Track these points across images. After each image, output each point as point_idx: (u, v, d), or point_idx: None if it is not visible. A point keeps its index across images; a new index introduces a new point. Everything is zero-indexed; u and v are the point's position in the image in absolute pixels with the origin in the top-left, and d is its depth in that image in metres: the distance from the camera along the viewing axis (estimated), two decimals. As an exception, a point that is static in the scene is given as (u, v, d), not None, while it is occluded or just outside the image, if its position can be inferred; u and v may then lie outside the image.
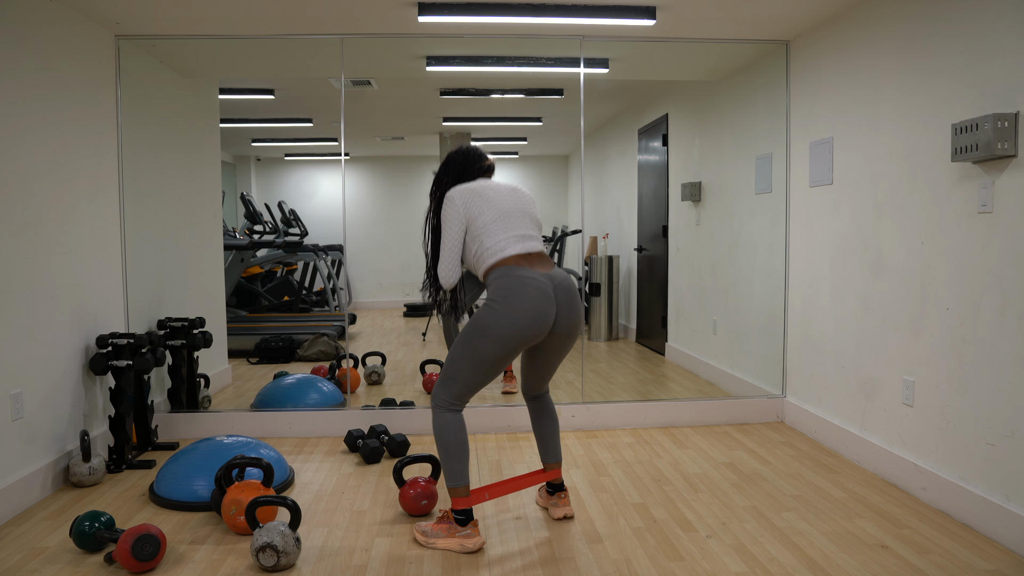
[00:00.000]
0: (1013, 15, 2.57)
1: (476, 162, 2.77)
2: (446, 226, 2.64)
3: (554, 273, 2.62)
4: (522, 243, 2.63)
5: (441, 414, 2.62)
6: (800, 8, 3.60)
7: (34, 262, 3.15)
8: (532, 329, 2.53)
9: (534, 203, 2.76)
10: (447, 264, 2.64)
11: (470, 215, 2.62)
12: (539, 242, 2.69)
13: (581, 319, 2.66)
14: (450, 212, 2.64)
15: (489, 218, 2.61)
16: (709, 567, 2.46)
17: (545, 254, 2.68)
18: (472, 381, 2.59)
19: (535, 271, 2.57)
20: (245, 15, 3.64)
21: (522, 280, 2.53)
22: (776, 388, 4.32)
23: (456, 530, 2.61)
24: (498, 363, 2.57)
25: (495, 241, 2.60)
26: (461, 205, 2.63)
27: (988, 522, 2.67)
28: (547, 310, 2.54)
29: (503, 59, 4.67)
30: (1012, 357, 2.57)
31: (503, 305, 2.50)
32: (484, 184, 2.70)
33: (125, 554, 2.39)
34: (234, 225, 6.38)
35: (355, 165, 7.03)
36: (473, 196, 2.64)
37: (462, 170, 2.76)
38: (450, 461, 2.60)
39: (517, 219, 2.66)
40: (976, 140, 2.62)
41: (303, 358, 5.60)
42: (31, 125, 3.14)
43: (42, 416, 3.19)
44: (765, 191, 4.39)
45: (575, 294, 2.63)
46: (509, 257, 2.59)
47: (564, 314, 2.60)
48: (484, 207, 2.62)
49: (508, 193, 2.70)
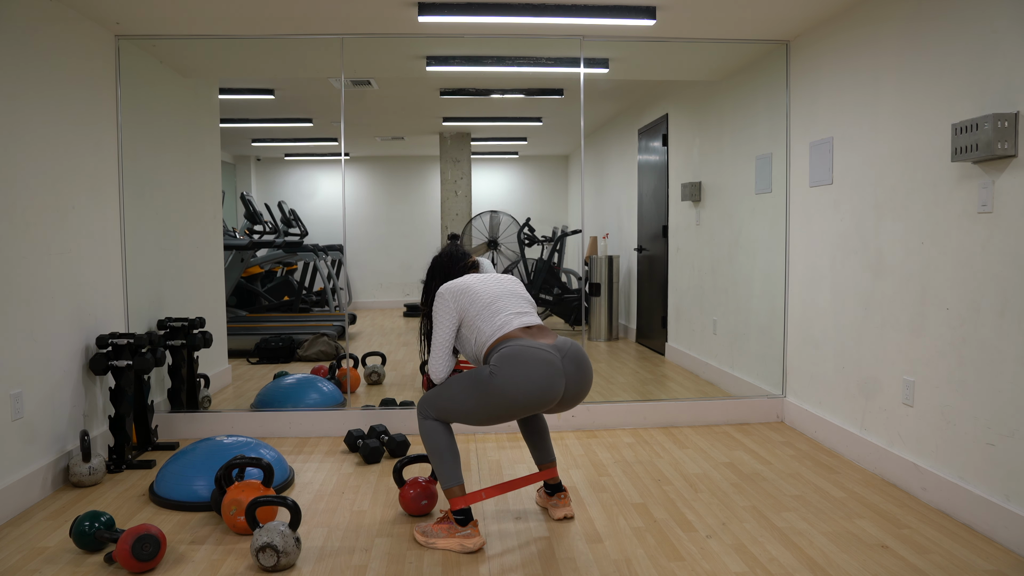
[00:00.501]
0: (1013, 15, 2.57)
1: (459, 261, 2.87)
2: (437, 321, 2.68)
3: (560, 343, 2.60)
4: (520, 318, 2.65)
5: (424, 421, 2.67)
6: (800, 8, 3.60)
7: (34, 262, 3.15)
8: (537, 402, 2.51)
9: (521, 285, 2.82)
10: (437, 358, 2.67)
11: (461, 307, 2.65)
12: (537, 317, 2.71)
13: (589, 386, 2.64)
14: (440, 307, 2.67)
15: (480, 307, 2.64)
16: (709, 567, 2.46)
17: (546, 327, 2.69)
18: (460, 418, 2.63)
19: (540, 342, 2.57)
20: (245, 15, 3.64)
21: (530, 349, 2.51)
22: (776, 388, 4.32)
23: (456, 530, 2.61)
24: (491, 420, 2.59)
25: (492, 323, 2.62)
26: (451, 300, 2.66)
27: (988, 522, 2.67)
28: (555, 383, 2.52)
29: (503, 59, 4.67)
30: (1012, 357, 2.57)
31: (508, 373, 2.47)
32: (470, 278, 2.75)
33: (125, 554, 2.39)
34: (234, 225, 6.38)
35: (355, 165, 7.03)
36: (461, 292, 2.68)
37: (448, 270, 2.84)
38: (441, 463, 2.63)
39: (508, 300, 2.69)
40: (976, 140, 2.62)
41: (303, 358, 5.60)
42: (31, 125, 3.14)
43: (42, 416, 3.19)
44: (765, 191, 4.39)
45: (584, 362, 2.61)
46: (512, 331, 2.59)
47: (574, 385, 2.58)
48: (473, 299, 2.66)
49: (494, 281, 2.75)
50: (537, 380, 2.48)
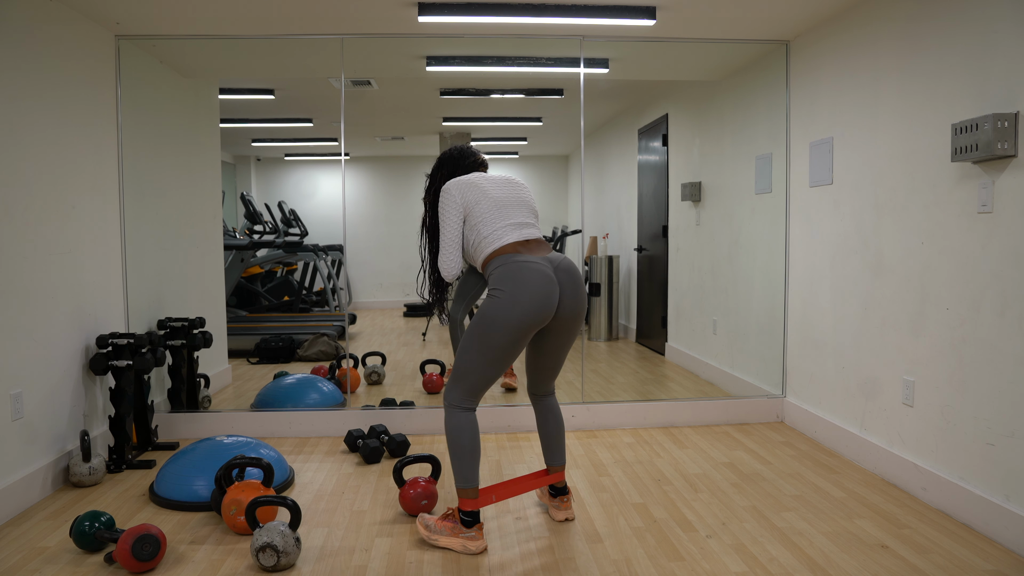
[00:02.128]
0: (1013, 15, 2.57)
1: (469, 157, 2.83)
2: (444, 216, 2.66)
3: (553, 256, 2.62)
4: (519, 230, 2.64)
5: (455, 414, 2.60)
6: (800, 8, 3.60)
7: (34, 262, 3.15)
8: (538, 313, 2.51)
9: (530, 192, 2.79)
10: (448, 254, 2.66)
11: (467, 204, 2.64)
12: (537, 229, 2.70)
13: (585, 300, 2.65)
14: (447, 202, 2.66)
15: (486, 207, 2.63)
16: (709, 567, 2.46)
17: (543, 240, 2.69)
18: (483, 374, 2.58)
19: (535, 256, 2.58)
20: (245, 15, 3.64)
21: (523, 265, 2.53)
22: (776, 388, 4.32)
23: (461, 531, 2.60)
24: (507, 352, 2.55)
25: (492, 230, 2.61)
26: (458, 195, 2.65)
27: (988, 522, 2.67)
28: (551, 293, 2.53)
29: (503, 59, 4.67)
30: (1012, 357, 2.57)
31: (506, 292, 2.50)
32: (479, 175, 2.73)
33: (125, 554, 2.39)
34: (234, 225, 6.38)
35: (355, 165, 7.03)
36: (469, 186, 2.66)
37: (456, 165, 2.81)
38: (462, 463, 2.59)
39: (513, 208, 2.67)
40: (976, 140, 2.62)
41: (303, 358, 5.60)
42: (31, 125, 3.14)
43: (42, 416, 3.19)
44: (765, 191, 4.39)
45: (577, 274, 2.63)
46: (507, 245, 2.59)
47: (568, 296, 2.59)
48: (480, 196, 2.64)
49: (503, 183, 2.73)
50: (534, 291, 2.49)
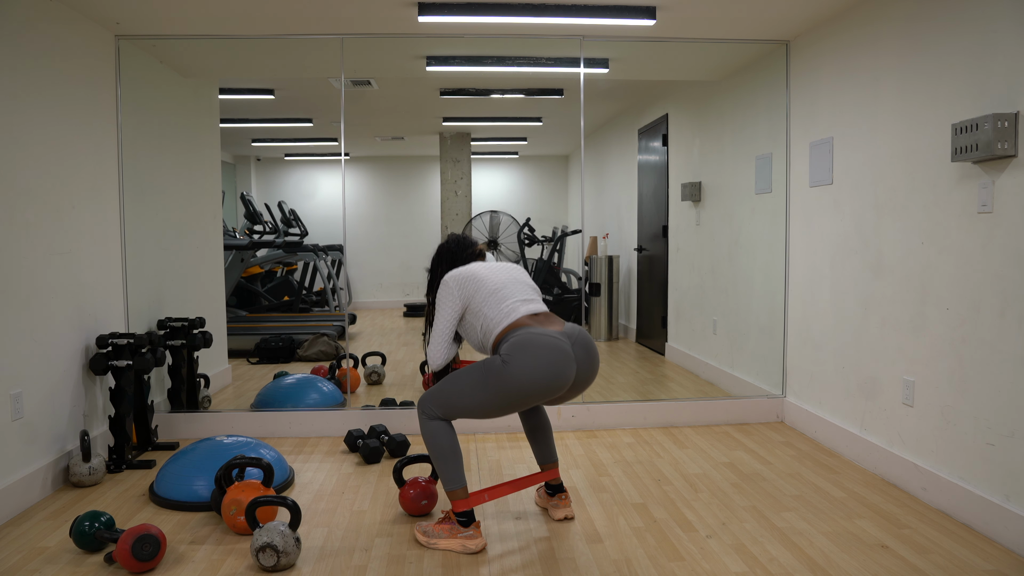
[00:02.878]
0: (1013, 15, 2.57)
1: (466, 248, 2.84)
2: (440, 308, 2.66)
3: (569, 330, 2.60)
4: (526, 305, 2.64)
5: (427, 421, 2.63)
6: (800, 8, 3.60)
7: (34, 262, 3.15)
8: (548, 388, 2.50)
9: (526, 274, 2.81)
10: (437, 346, 2.66)
11: (466, 296, 2.64)
12: (543, 304, 2.70)
13: (598, 368, 2.65)
14: (444, 295, 2.66)
15: (485, 294, 2.63)
16: (709, 567, 2.46)
17: (552, 314, 2.69)
18: (470, 415, 2.61)
19: (549, 329, 2.56)
20: (245, 15, 3.64)
21: (540, 336, 2.50)
22: (776, 388, 4.32)
23: (459, 531, 2.61)
24: (500, 412, 2.57)
25: (499, 311, 2.60)
26: (456, 287, 2.65)
27: (988, 522, 2.67)
28: (567, 369, 2.51)
29: (503, 59, 4.67)
30: (1012, 357, 2.57)
31: (519, 361, 2.46)
32: (477, 265, 2.74)
33: (125, 554, 2.39)
34: (234, 225, 6.38)
35: (355, 165, 7.03)
36: (466, 278, 2.66)
37: (454, 257, 2.82)
38: (444, 465, 2.60)
39: (513, 288, 2.68)
40: (976, 140, 2.62)
41: (303, 358, 5.60)
42: (31, 125, 3.14)
43: (42, 416, 3.19)
44: (765, 191, 4.39)
45: (592, 348, 2.61)
46: (520, 319, 2.58)
47: (584, 371, 2.58)
48: (479, 285, 2.65)
49: (499, 268, 2.74)
50: (550, 367, 2.47)
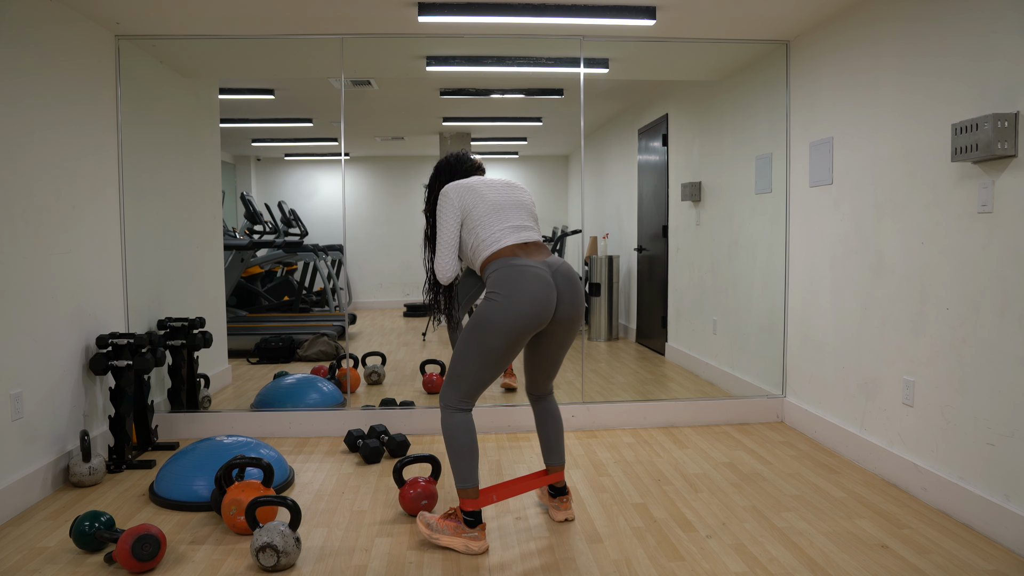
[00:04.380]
0: (1013, 15, 2.57)
1: (465, 163, 2.84)
2: (441, 220, 2.66)
3: (551, 260, 2.63)
4: (517, 233, 2.64)
5: (451, 415, 2.61)
6: (800, 8, 3.60)
7: (34, 262, 3.15)
8: (535, 317, 2.52)
9: (528, 194, 2.80)
10: (444, 257, 2.66)
11: (465, 207, 2.65)
12: (535, 232, 2.70)
13: (583, 305, 2.66)
14: (445, 206, 2.66)
15: (484, 210, 2.63)
16: (709, 567, 2.46)
17: (542, 243, 2.70)
18: (479, 377, 2.58)
19: (533, 260, 2.58)
20: (245, 15, 3.64)
21: (520, 269, 2.53)
22: (776, 388, 4.32)
23: (463, 531, 2.60)
24: (504, 355, 2.56)
25: (490, 233, 2.62)
26: (456, 198, 2.65)
27: (988, 522, 2.67)
28: (548, 297, 2.53)
29: (503, 59, 4.66)
30: (1012, 357, 2.57)
31: (503, 295, 2.50)
32: (477, 179, 2.74)
33: (125, 554, 2.39)
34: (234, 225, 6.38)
35: (355, 165, 7.03)
36: (467, 190, 2.67)
37: (453, 171, 2.82)
38: (460, 463, 2.59)
39: (511, 210, 2.68)
40: (976, 140, 2.62)
41: (303, 358, 5.60)
42: (31, 125, 3.14)
43: (42, 416, 3.19)
44: (765, 191, 4.39)
45: (575, 279, 2.63)
46: (505, 248, 2.60)
47: (566, 300, 2.60)
48: (478, 200, 2.65)
49: (501, 186, 2.73)
50: (531, 295, 2.50)
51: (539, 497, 3.04)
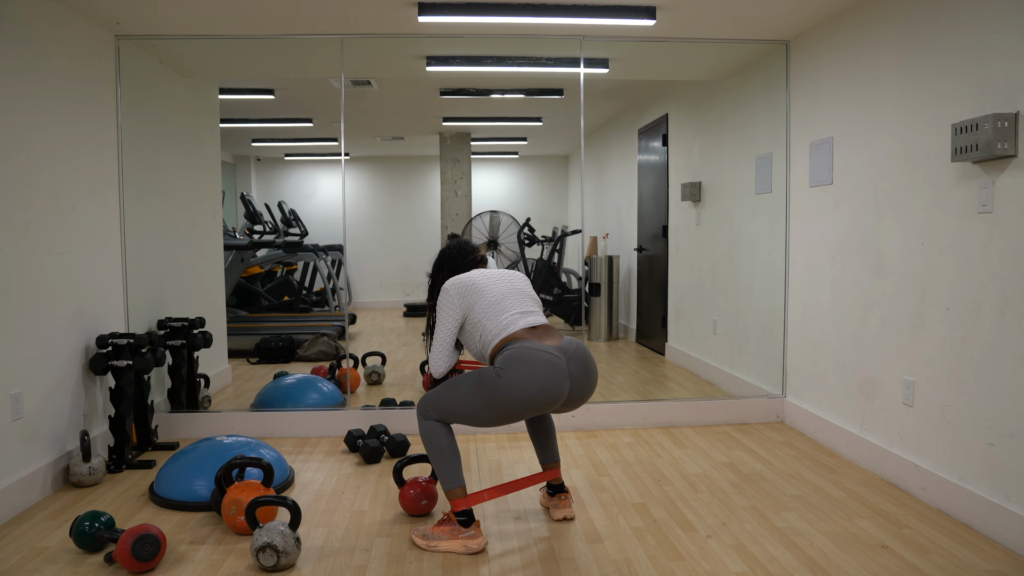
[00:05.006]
0: (1013, 15, 2.57)
1: (468, 255, 2.84)
2: (441, 316, 2.66)
3: (566, 345, 2.59)
4: (525, 318, 2.63)
5: (425, 421, 2.64)
6: (800, 8, 3.60)
7: (34, 262, 3.15)
8: (542, 403, 2.50)
9: (527, 282, 2.80)
10: (439, 353, 2.66)
11: (466, 305, 2.64)
12: (542, 316, 2.69)
13: (594, 385, 2.63)
14: (445, 303, 2.65)
15: (485, 305, 2.63)
16: (709, 567, 2.46)
17: (550, 326, 2.68)
18: (463, 419, 2.61)
19: (545, 344, 2.56)
20: (245, 15, 3.64)
21: (531, 351, 2.50)
22: (776, 388, 4.32)
23: (459, 532, 2.60)
24: (496, 421, 2.58)
25: (497, 322, 2.61)
26: (456, 296, 2.64)
27: (988, 522, 2.67)
28: (560, 387, 2.51)
29: (503, 59, 4.67)
30: (1012, 357, 2.57)
31: (509, 374, 2.47)
32: (478, 273, 2.73)
33: (125, 554, 2.39)
34: (234, 225, 6.38)
35: (355, 165, 7.03)
36: (468, 288, 2.66)
37: (456, 264, 2.81)
38: (443, 465, 2.61)
39: (513, 299, 2.67)
40: (976, 140, 2.62)
41: (303, 358, 5.60)
42: (31, 125, 3.14)
43: (42, 416, 3.19)
44: (765, 191, 4.39)
45: (589, 364, 2.61)
46: (515, 333, 2.58)
47: (579, 384, 2.58)
48: (479, 296, 2.64)
49: (500, 277, 2.74)
50: (542, 382, 2.47)
51: (541, 501, 3.04)
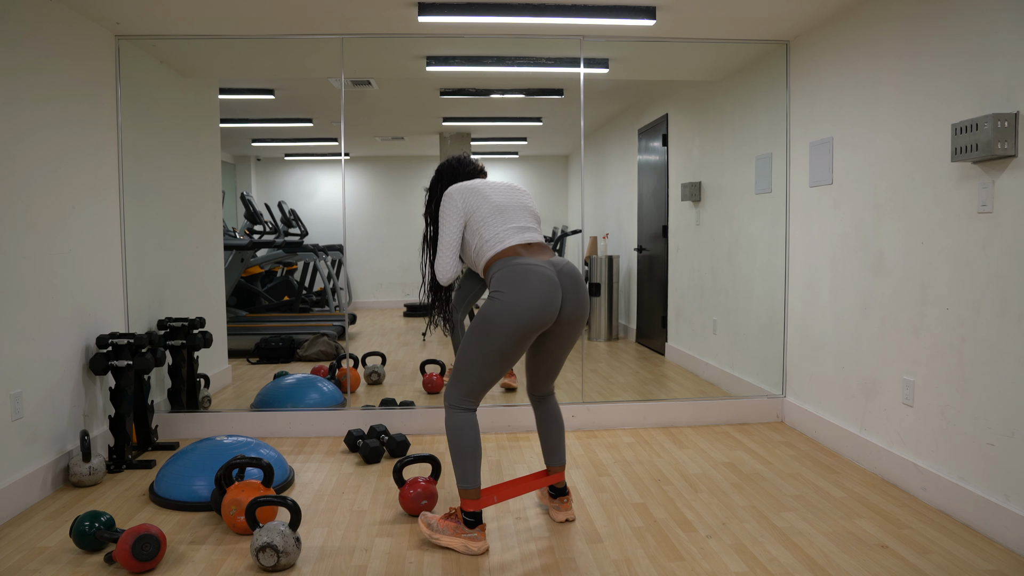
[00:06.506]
0: (1013, 15, 2.57)
1: (468, 166, 2.86)
2: (444, 221, 2.67)
3: (556, 260, 2.63)
4: (521, 234, 2.65)
5: (456, 415, 2.61)
6: (800, 8, 3.60)
7: (34, 262, 3.15)
8: (539, 316, 2.51)
9: (530, 197, 2.81)
10: (445, 258, 2.66)
11: (468, 209, 2.66)
12: (538, 233, 2.71)
13: (587, 305, 2.66)
14: (448, 207, 2.67)
15: (487, 211, 2.64)
16: (709, 567, 2.46)
17: (545, 244, 2.70)
18: (483, 376, 2.58)
19: (537, 259, 2.58)
20: (245, 15, 3.64)
21: (525, 268, 2.53)
22: (776, 388, 4.32)
23: (463, 531, 2.60)
24: (508, 355, 2.55)
25: (494, 233, 2.62)
26: (460, 200, 2.66)
27: (988, 522, 2.67)
28: (553, 297, 2.53)
29: (503, 59, 4.67)
30: (1012, 357, 2.57)
31: (508, 294, 2.50)
32: (480, 181, 2.75)
33: (125, 554, 2.39)
34: (234, 225, 6.38)
35: (355, 165, 7.03)
36: (471, 192, 2.68)
37: (455, 174, 2.83)
38: (463, 463, 2.59)
39: (514, 212, 2.69)
40: (976, 140, 2.62)
41: (303, 358, 5.60)
42: (31, 125, 3.14)
43: (42, 416, 3.19)
44: (765, 191, 4.39)
45: (580, 279, 2.64)
46: (509, 248, 2.61)
47: (570, 300, 2.60)
48: (481, 201, 2.66)
49: (504, 188, 2.74)
50: (536, 294, 2.49)
51: (539, 498, 3.04)
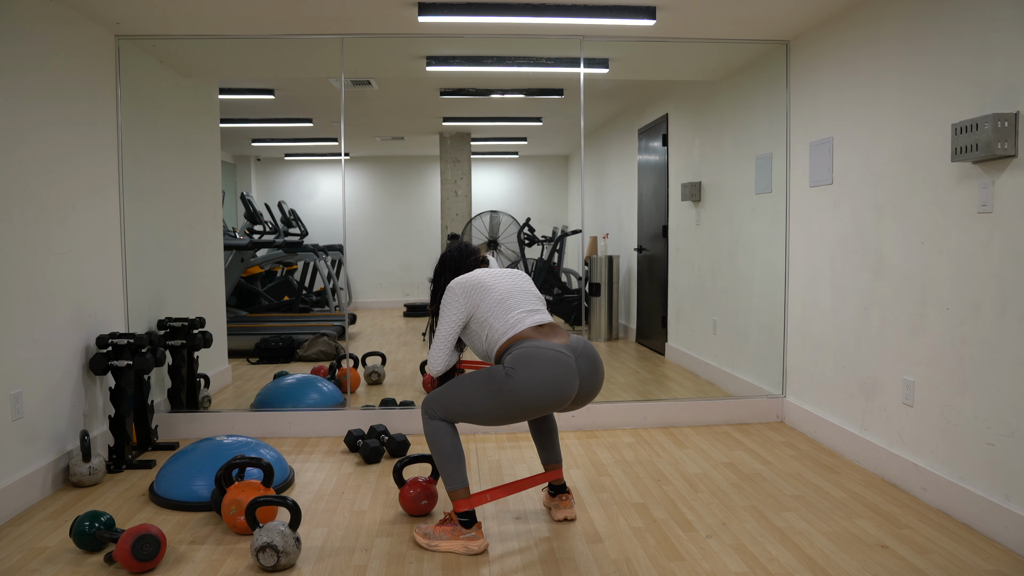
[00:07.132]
0: (1013, 15, 2.57)
1: (469, 256, 2.83)
2: (444, 315, 2.65)
3: (574, 343, 2.58)
4: (531, 316, 2.62)
5: (431, 422, 2.63)
6: (800, 8, 3.60)
7: (34, 262, 3.15)
8: (551, 403, 2.50)
9: (530, 281, 2.79)
10: (438, 351, 2.65)
11: (472, 302, 2.62)
12: (546, 314, 2.68)
13: (601, 382, 2.63)
14: (450, 301, 2.64)
15: (492, 303, 2.62)
16: (709, 567, 2.46)
17: (557, 325, 2.67)
18: (469, 419, 2.60)
19: (553, 343, 2.54)
20: (245, 15, 3.64)
21: (541, 350, 2.49)
22: (776, 388, 4.32)
23: (460, 532, 2.60)
24: (503, 420, 2.57)
25: (503, 322, 2.59)
26: (461, 295, 2.63)
27: (988, 522, 2.67)
28: (569, 384, 2.50)
29: (503, 59, 4.67)
30: (1012, 357, 2.57)
31: (520, 374, 2.45)
32: (482, 272, 2.72)
33: (125, 554, 2.39)
34: (234, 225, 6.38)
35: (355, 165, 7.03)
36: (473, 286, 2.64)
37: (457, 265, 2.81)
38: (447, 465, 2.60)
39: (518, 297, 2.66)
40: (976, 140, 2.62)
41: (303, 358, 5.60)
42: (31, 125, 3.14)
43: (42, 416, 3.19)
44: (765, 191, 4.39)
45: (597, 362, 2.60)
46: (522, 332, 2.57)
47: (587, 382, 2.57)
48: (484, 294, 2.63)
49: (505, 276, 2.73)
50: (552, 381, 2.46)
51: (544, 502, 3.04)
